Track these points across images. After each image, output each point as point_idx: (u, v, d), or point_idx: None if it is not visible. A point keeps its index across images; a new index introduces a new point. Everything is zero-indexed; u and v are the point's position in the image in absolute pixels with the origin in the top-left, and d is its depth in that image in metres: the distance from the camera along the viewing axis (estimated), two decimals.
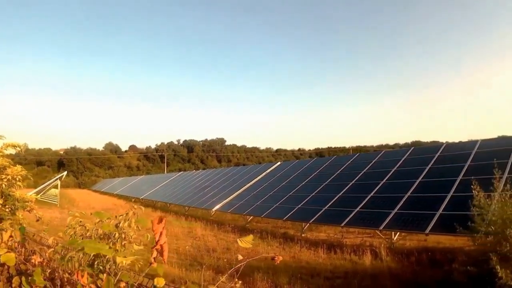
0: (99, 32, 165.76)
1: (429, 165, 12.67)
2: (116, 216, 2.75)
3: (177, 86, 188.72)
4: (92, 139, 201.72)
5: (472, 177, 9.51)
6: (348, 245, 11.49)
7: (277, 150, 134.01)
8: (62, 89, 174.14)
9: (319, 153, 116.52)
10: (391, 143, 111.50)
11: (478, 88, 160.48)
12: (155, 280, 2.09)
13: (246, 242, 2.18)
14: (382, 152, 17.04)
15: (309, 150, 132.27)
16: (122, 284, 2.30)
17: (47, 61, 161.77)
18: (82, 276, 2.09)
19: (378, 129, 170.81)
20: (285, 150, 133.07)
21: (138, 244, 2.72)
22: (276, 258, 2.24)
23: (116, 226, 2.67)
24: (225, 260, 9.47)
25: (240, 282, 2.24)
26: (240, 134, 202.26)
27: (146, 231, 2.82)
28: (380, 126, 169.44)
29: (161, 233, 2.17)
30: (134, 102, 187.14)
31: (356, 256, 9.92)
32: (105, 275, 2.20)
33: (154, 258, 2.25)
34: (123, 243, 2.65)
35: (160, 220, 2.18)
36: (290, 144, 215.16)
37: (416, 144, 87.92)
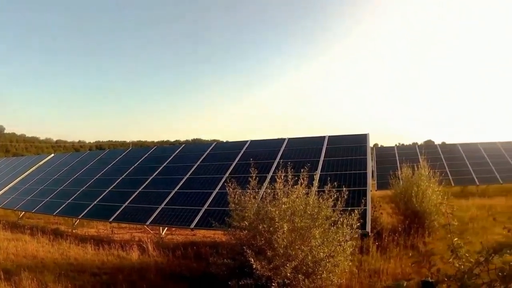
0: None
1: (198, 162, 13.58)
2: None
3: None
4: None
5: (235, 175, 10.85)
6: (117, 240, 11.27)
7: (56, 141, 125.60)
8: None
9: (99, 146, 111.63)
10: (172, 139, 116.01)
11: (248, 89, 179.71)
12: None
13: None
14: (153, 148, 17.27)
15: (90, 142, 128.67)
16: None
17: None
18: None
19: (165, 125, 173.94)
20: (65, 142, 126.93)
21: None
22: None
23: None
24: None
25: None
26: (21, 122, 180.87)
27: None
28: (166, 122, 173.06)
29: None
30: None
31: (124, 251, 9.88)
32: None
33: None
34: None
35: None
36: (72, 136, 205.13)
37: (197, 142, 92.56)
